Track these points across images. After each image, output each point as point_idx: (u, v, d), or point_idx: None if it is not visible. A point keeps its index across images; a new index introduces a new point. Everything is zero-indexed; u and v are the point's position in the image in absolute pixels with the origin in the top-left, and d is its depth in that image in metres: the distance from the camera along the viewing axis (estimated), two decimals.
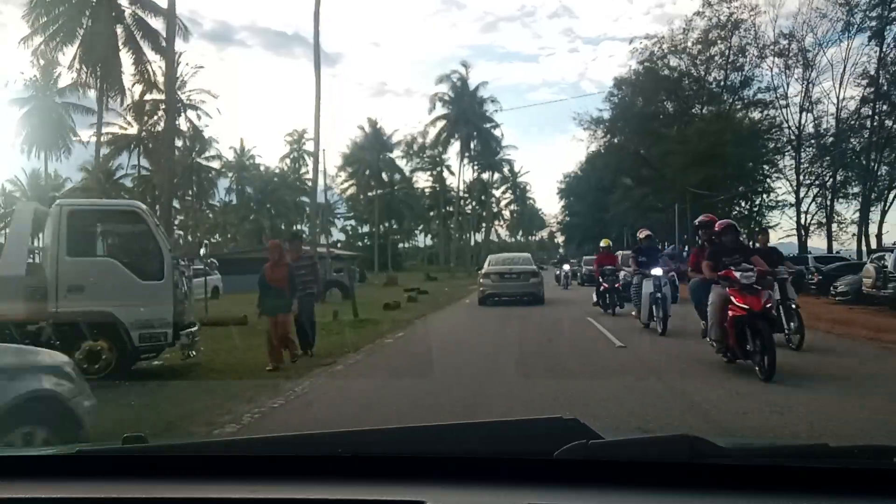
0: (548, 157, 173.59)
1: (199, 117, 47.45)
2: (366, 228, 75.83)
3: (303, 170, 75.80)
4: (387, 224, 77.66)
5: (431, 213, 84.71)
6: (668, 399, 6.38)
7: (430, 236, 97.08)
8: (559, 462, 1.25)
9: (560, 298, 22.06)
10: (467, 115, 58.56)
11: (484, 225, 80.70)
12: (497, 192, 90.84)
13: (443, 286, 34.20)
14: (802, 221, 36.57)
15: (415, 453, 1.38)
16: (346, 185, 71.76)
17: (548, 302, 19.13)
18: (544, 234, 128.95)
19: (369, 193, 66.30)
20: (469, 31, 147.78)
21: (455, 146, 61.15)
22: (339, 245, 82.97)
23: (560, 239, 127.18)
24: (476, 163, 64.65)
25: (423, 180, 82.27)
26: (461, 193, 68.95)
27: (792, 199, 37.14)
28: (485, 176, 73.68)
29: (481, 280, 18.83)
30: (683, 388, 6.79)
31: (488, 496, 1.26)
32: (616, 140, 46.23)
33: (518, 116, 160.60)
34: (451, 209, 77.81)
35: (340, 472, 1.34)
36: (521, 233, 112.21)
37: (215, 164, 57.57)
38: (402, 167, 72.96)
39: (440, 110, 62.03)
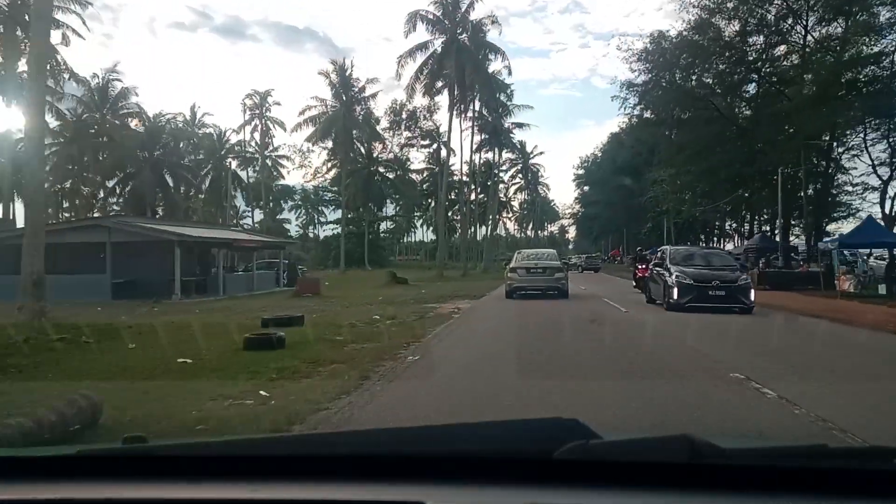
0: (560, 152, 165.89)
1: (63, 38, 33.71)
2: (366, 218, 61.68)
3: (272, 144, 63.23)
4: (374, 209, 64.85)
5: (430, 201, 71.55)
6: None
7: (430, 228, 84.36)
8: (559, 462, 1.26)
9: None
10: (461, 47, 40.13)
11: (491, 217, 66.16)
12: (505, 177, 77.34)
13: (381, 307, 16.77)
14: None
15: (415, 453, 1.38)
16: (323, 163, 58.11)
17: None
18: (554, 228, 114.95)
19: (335, 168, 52.47)
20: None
21: (446, 104, 41.90)
22: (316, 236, 70.06)
23: (571, 234, 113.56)
24: (477, 125, 47.73)
25: (418, 161, 69.37)
26: (457, 171, 54.43)
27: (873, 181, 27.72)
28: (489, 156, 59.77)
29: (509, 274, 20.09)
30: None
31: (488, 496, 1.27)
32: (648, 113, 33.39)
33: (529, 113, 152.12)
34: (453, 196, 64.45)
35: (340, 472, 1.33)
36: (531, 225, 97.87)
37: (132, 124, 44.06)
38: (390, 142, 59.96)
39: (423, 34, 40.86)
